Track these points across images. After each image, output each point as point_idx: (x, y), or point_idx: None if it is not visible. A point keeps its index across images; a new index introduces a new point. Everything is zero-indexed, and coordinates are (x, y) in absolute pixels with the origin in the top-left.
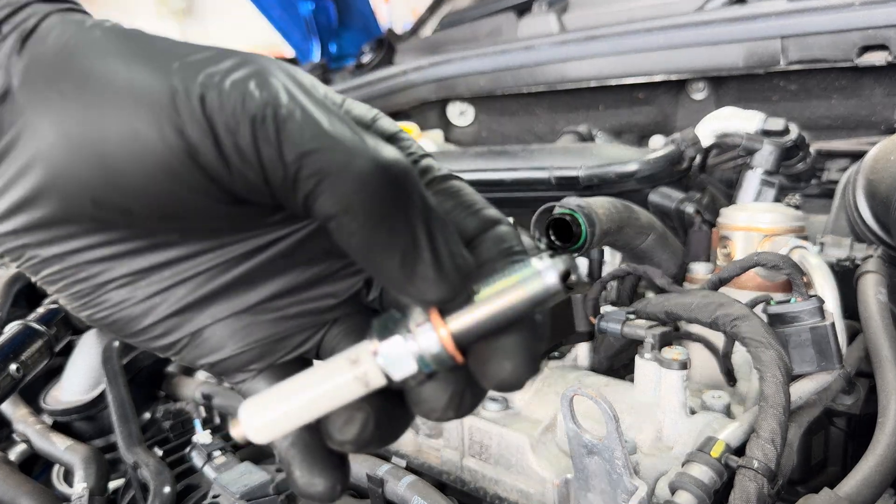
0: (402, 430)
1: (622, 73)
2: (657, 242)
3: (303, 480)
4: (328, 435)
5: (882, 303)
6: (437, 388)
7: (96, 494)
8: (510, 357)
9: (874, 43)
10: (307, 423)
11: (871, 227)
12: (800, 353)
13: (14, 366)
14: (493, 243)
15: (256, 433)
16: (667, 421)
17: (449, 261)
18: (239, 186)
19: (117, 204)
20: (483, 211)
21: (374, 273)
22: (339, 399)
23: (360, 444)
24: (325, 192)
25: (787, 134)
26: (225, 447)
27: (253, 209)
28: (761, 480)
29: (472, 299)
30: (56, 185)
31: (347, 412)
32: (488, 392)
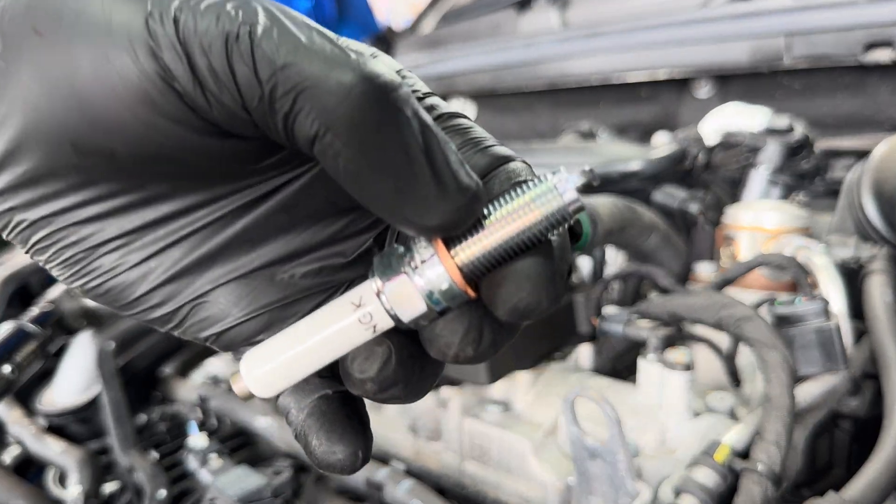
0: (429, 381)
1: (625, 71)
2: (661, 242)
3: (322, 449)
4: (347, 375)
5: (888, 303)
6: (450, 324)
7: (91, 497)
8: (526, 279)
9: (879, 40)
10: (312, 372)
11: (876, 227)
12: (805, 355)
13: (8, 367)
14: (505, 178)
15: (258, 385)
16: (670, 423)
17: (451, 179)
18: (218, 114)
19: (99, 145)
20: (494, 148)
21: (368, 202)
22: (344, 345)
23: (383, 384)
24: (303, 108)
25: (792, 132)
26: (221, 450)
27: (241, 149)
28: (766, 484)
29: (481, 224)
30: (36, 131)
31: (367, 348)
32: (491, 392)
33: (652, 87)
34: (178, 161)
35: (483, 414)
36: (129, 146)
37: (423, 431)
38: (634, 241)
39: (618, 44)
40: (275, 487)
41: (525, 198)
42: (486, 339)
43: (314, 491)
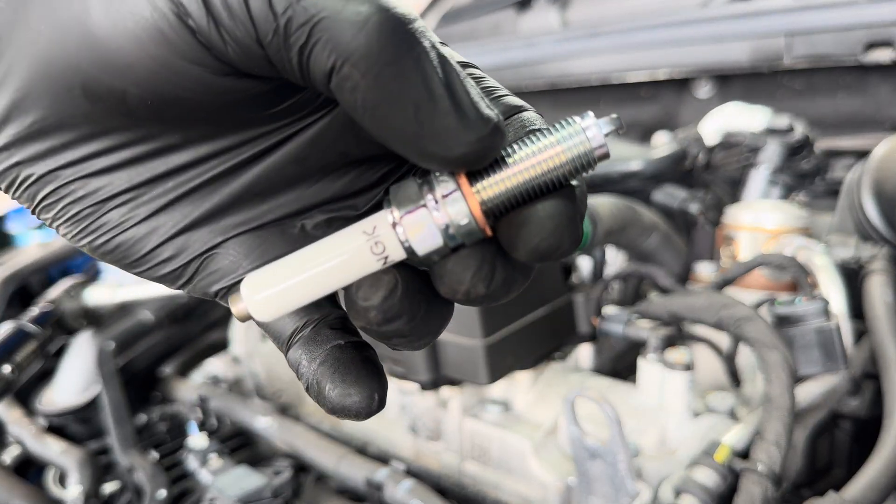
0: (435, 323)
1: (625, 70)
2: (661, 242)
3: (336, 392)
4: (351, 304)
5: (888, 303)
6: (463, 260)
7: (91, 498)
8: (549, 219)
9: (880, 40)
10: (315, 298)
11: (876, 227)
12: (805, 355)
13: (7, 367)
14: (519, 126)
15: (258, 308)
16: (670, 424)
17: (472, 110)
18: (232, 52)
19: (110, 88)
20: (507, 97)
21: (387, 137)
22: (351, 273)
23: (387, 313)
24: (319, 40)
25: (792, 132)
26: (221, 450)
27: (254, 92)
28: (766, 484)
29: (504, 163)
30: (46, 76)
31: (373, 276)
32: (491, 392)
33: (652, 86)
34: (190, 105)
35: (483, 414)
36: (141, 88)
37: (424, 431)
38: (635, 241)
39: (618, 43)
40: (274, 487)
41: (552, 139)
42: (498, 278)
43: (314, 491)
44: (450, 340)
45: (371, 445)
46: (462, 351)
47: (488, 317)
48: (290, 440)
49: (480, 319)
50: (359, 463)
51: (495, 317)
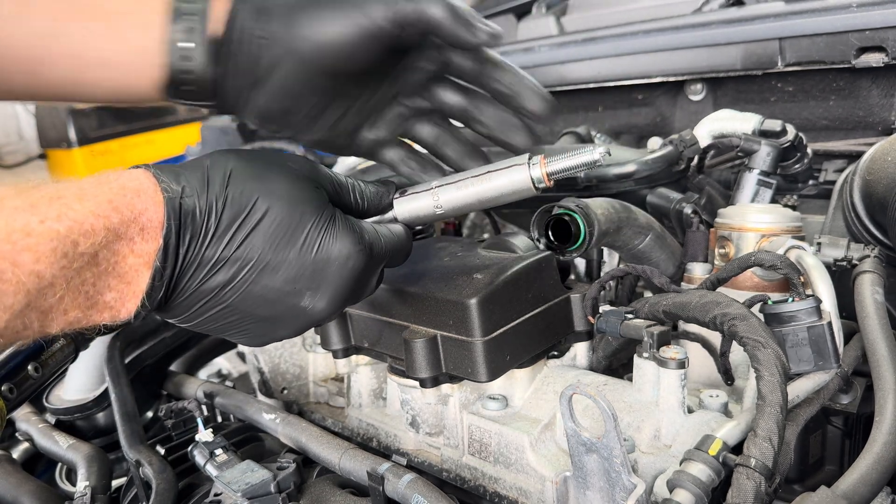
0: None
1: (621, 75)
2: (655, 243)
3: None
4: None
5: (879, 302)
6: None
7: (99, 493)
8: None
9: (871, 44)
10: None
11: (867, 228)
12: (797, 353)
13: (32, 365)
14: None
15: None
16: (665, 420)
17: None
18: (399, 41)
19: (339, 70)
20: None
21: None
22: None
23: None
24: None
25: (784, 135)
26: (227, 446)
27: (391, 60)
28: (759, 479)
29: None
30: (303, 63)
31: None
32: (490, 389)
33: (647, 91)
34: (367, 71)
35: (482, 410)
36: (357, 66)
37: (424, 427)
38: (630, 242)
39: (614, 49)
40: (279, 482)
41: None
42: None
43: (317, 485)
44: (449, 338)
45: (373, 440)
46: (461, 349)
47: (487, 315)
48: (294, 435)
49: (479, 318)
50: (361, 457)
51: (494, 316)
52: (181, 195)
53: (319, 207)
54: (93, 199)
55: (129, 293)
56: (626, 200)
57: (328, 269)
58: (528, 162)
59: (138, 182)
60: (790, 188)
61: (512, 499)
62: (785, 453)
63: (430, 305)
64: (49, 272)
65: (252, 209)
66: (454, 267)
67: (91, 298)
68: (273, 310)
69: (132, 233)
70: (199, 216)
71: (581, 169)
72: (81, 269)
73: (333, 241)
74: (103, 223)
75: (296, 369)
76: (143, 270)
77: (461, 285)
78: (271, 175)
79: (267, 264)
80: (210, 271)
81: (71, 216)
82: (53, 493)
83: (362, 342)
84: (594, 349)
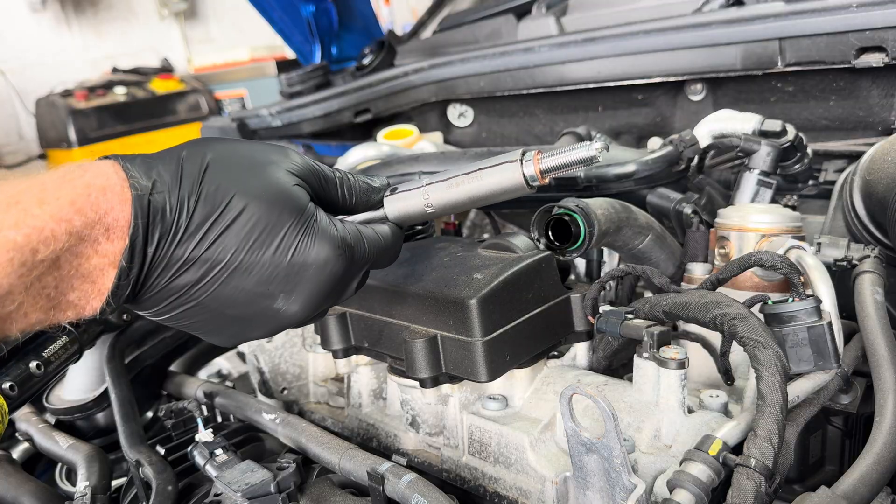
0: None
1: (621, 75)
2: (655, 243)
3: None
4: None
5: (879, 302)
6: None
7: (99, 493)
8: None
9: (871, 44)
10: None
11: (867, 228)
12: (797, 353)
13: (34, 363)
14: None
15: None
16: (665, 420)
17: None
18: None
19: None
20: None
21: None
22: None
23: None
24: None
25: (784, 135)
26: (227, 446)
27: None
28: (759, 479)
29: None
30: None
31: None
32: (490, 389)
33: (647, 91)
34: None
35: (482, 410)
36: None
37: (424, 427)
38: (630, 242)
39: (614, 49)
40: (279, 482)
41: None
42: None
43: (317, 485)
44: (450, 338)
45: (373, 441)
46: (461, 349)
47: (487, 315)
48: (294, 436)
49: (479, 318)
50: (361, 458)
51: (494, 316)
52: (151, 191)
53: (299, 207)
54: (54, 202)
55: (93, 292)
56: (626, 200)
57: (304, 273)
58: (520, 159)
59: (105, 178)
60: (790, 188)
61: (512, 499)
62: (785, 453)
63: (430, 305)
64: (6, 282)
65: (226, 207)
66: (454, 267)
67: (53, 300)
68: (244, 310)
69: (96, 234)
70: (169, 214)
71: (577, 166)
72: (42, 276)
73: (312, 243)
74: (65, 227)
75: (296, 369)
76: (109, 270)
77: (461, 285)
78: (250, 169)
79: (239, 265)
80: (178, 270)
81: (30, 223)
82: (53, 494)
83: (362, 342)
84: (594, 349)
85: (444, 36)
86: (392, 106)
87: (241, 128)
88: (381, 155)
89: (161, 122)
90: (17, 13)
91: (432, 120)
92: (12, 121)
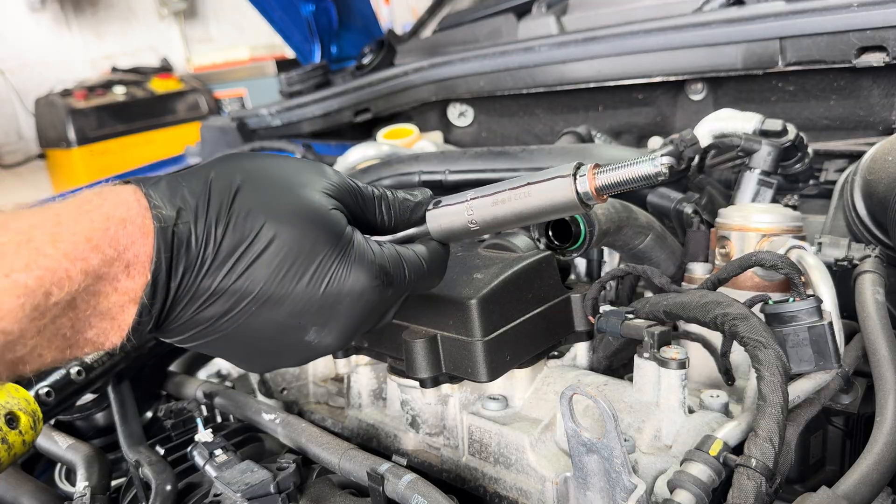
0: None
1: (621, 75)
2: (656, 243)
3: None
4: None
5: (880, 302)
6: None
7: (98, 493)
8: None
9: (872, 44)
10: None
11: (868, 228)
12: (798, 353)
13: (76, 368)
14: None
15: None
16: (665, 420)
17: None
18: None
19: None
20: None
21: None
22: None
23: None
24: None
25: (785, 134)
26: (226, 446)
27: None
28: (759, 479)
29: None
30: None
31: None
32: (490, 389)
33: (647, 90)
34: None
35: (482, 410)
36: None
37: (424, 427)
38: (630, 242)
39: (614, 48)
40: (279, 482)
41: (632, 169)
42: None
43: (317, 485)
44: (450, 338)
45: (373, 441)
46: (461, 349)
47: (487, 315)
48: (294, 436)
49: (479, 318)
50: (361, 458)
51: (494, 316)
52: (175, 221)
53: (335, 234)
54: (69, 239)
55: (112, 329)
56: (626, 200)
57: (339, 306)
58: (573, 174)
59: (125, 208)
60: (791, 188)
61: (512, 499)
62: (786, 453)
63: (429, 305)
64: (17, 328)
65: (257, 236)
66: (454, 267)
67: (69, 339)
68: (275, 343)
69: (115, 271)
70: (195, 245)
71: (639, 184)
72: (56, 317)
73: (347, 273)
74: (81, 267)
75: (295, 369)
76: (129, 306)
77: (461, 285)
78: (283, 192)
79: (269, 297)
80: (205, 302)
81: (42, 264)
82: (53, 494)
83: (362, 342)
84: (594, 349)
85: (444, 35)
86: (392, 105)
87: (240, 127)
88: (381, 154)
89: (160, 121)
90: (16, 13)
91: (432, 119)
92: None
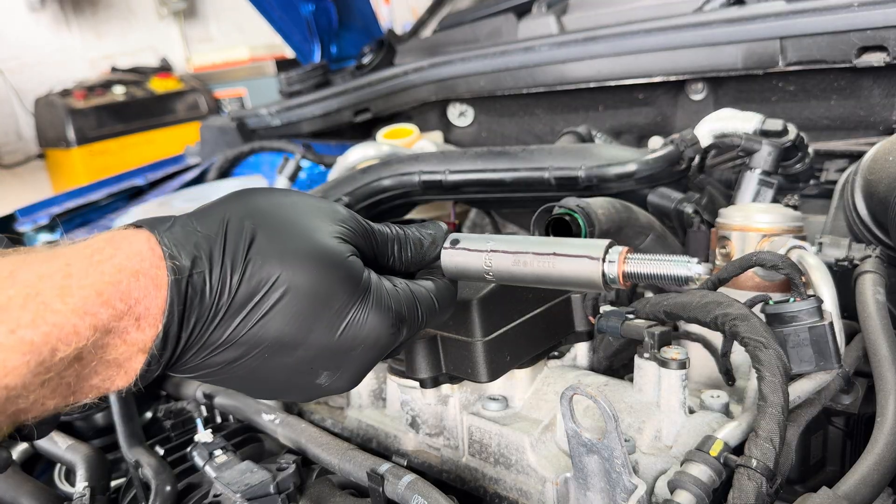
0: None
1: (621, 74)
2: (656, 243)
3: None
4: None
5: (880, 302)
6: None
7: (98, 493)
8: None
9: (873, 44)
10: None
11: (869, 228)
12: (798, 353)
13: None
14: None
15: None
16: (666, 420)
17: None
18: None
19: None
20: None
21: None
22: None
23: None
24: None
25: (785, 134)
26: (226, 446)
27: None
28: (760, 479)
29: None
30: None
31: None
32: (490, 389)
33: (648, 90)
34: None
35: (482, 410)
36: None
37: (424, 427)
38: (631, 242)
39: (614, 48)
40: (278, 483)
41: (665, 265)
42: None
43: (317, 486)
44: (450, 339)
45: (373, 441)
46: (462, 349)
47: (487, 316)
48: (294, 436)
49: (479, 318)
50: (361, 458)
51: (494, 316)
52: (190, 272)
53: (352, 282)
54: (78, 293)
55: (118, 375)
56: (626, 200)
57: (353, 352)
58: (603, 256)
59: (138, 259)
60: (791, 188)
61: (512, 499)
62: (786, 454)
63: None
64: (21, 383)
65: (272, 287)
66: None
67: (73, 387)
68: (285, 385)
69: (126, 324)
70: (209, 296)
71: (667, 282)
72: (62, 371)
73: (363, 321)
74: (90, 322)
75: None
76: (138, 356)
77: (461, 286)
78: (299, 239)
79: (283, 345)
80: (215, 350)
81: (50, 320)
82: (52, 494)
83: None
84: (595, 349)
85: (444, 35)
86: (392, 105)
87: (240, 127)
88: (381, 154)
89: (160, 121)
90: (16, 12)
91: (432, 119)
92: (11, 120)
